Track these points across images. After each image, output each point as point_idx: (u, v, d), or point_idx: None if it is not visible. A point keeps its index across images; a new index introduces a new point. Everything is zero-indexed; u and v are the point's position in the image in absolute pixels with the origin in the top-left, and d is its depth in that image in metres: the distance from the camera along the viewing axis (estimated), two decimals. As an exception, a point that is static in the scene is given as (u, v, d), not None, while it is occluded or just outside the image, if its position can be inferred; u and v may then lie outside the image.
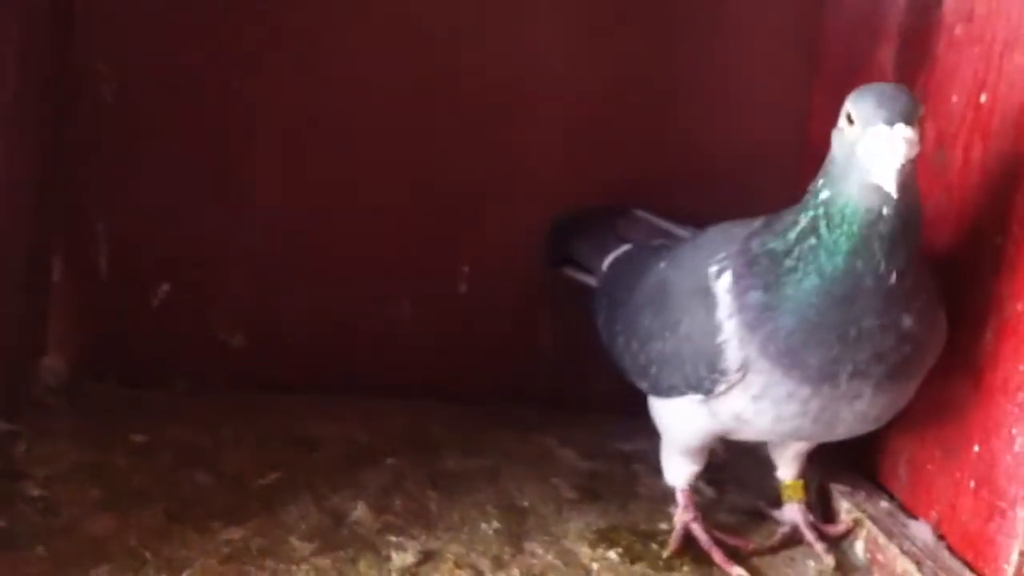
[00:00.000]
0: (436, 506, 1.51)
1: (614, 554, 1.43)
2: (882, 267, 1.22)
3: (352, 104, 1.79)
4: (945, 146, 1.45)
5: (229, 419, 1.70)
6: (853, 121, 1.22)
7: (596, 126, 1.85)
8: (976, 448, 1.33)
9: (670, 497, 1.51)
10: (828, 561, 1.44)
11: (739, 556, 1.44)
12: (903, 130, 1.17)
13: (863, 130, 1.20)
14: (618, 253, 1.66)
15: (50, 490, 1.45)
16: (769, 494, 1.56)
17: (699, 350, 1.32)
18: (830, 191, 1.25)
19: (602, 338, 1.59)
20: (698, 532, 1.46)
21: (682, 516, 1.47)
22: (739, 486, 1.63)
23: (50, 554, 1.30)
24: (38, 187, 1.66)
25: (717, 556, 1.43)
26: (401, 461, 1.63)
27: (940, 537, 1.39)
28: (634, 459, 1.71)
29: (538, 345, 1.90)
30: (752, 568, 1.42)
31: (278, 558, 1.34)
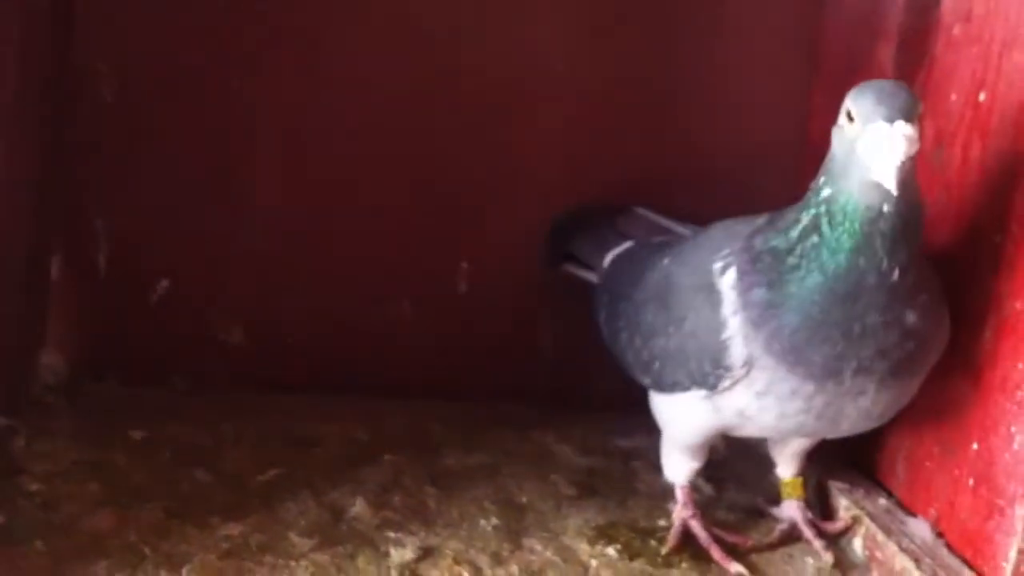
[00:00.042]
0: (435, 502, 1.51)
1: (613, 550, 1.43)
2: (884, 264, 1.22)
3: (352, 104, 1.79)
4: (944, 145, 1.45)
5: (228, 417, 1.70)
6: (853, 118, 1.22)
7: (596, 126, 1.85)
8: (975, 446, 1.33)
9: (669, 494, 1.51)
10: (827, 558, 1.44)
11: (738, 553, 1.44)
12: (903, 127, 1.17)
13: (863, 127, 1.20)
14: (620, 250, 1.66)
15: (49, 486, 1.45)
16: (768, 491, 1.57)
17: (704, 346, 1.32)
18: (831, 189, 1.25)
19: (603, 334, 1.59)
20: (697, 529, 1.46)
21: (681, 513, 1.47)
22: (738, 483, 1.63)
23: (49, 550, 1.30)
24: (38, 186, 1.66)
25: (716, 553, 1.43)
26: (400, 458, 1.63)
27: (939, 535, 1.39)
28: (633, 456, 1.71)
29: (538, 345, 1.90)
30: (751, 565, 1.42)
31: (277, 554, 1.34)
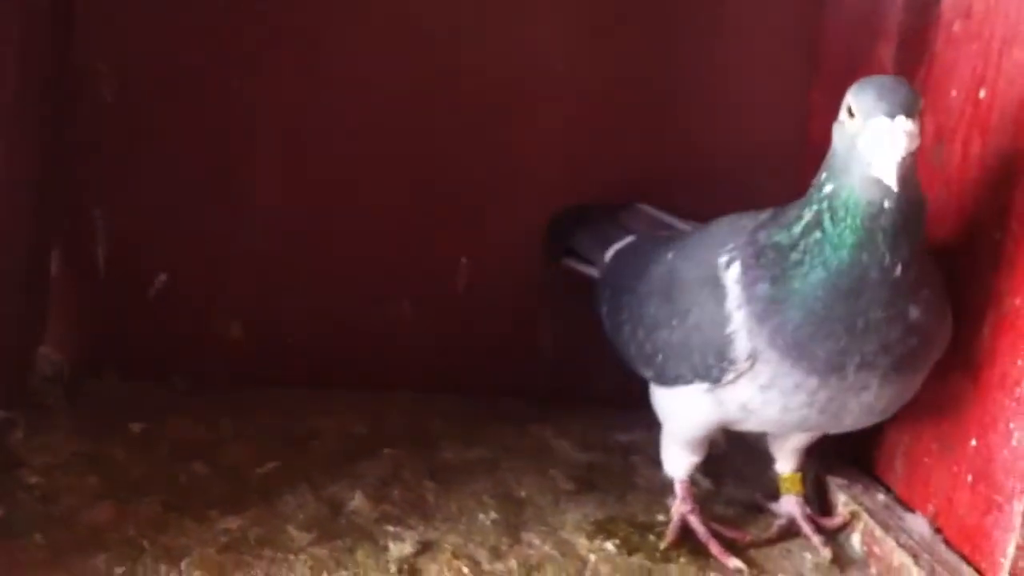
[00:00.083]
0: (434, 496, 1.51)
1: (611, 545, 1.43)
2: (886, 260, 1.22)
3: (352, 103, 1.79)
4: (944, 141, 1.45)
5: (228, 413, 1.71)
6: (854, 114, 1.22)
7: (596, 125, 1.85)
8: (973, 442, 1.33)
9: (668, 488, 1.51)
10: (825, 554, 1.44)
11: (736, 548, 1.44)
12: (903, 123, 1.17)
13: (864, 123, 1.20)
14: (622, 244, 1.66)
15: (48, 479, 1.45)
16: (766, 486, 1.57)
17: (708, 340, 1.32)
18: (833, 185, 1.25)
19: (605, 328, 1.59)
20: (695, 524, 1.46)
21: (680, 508, 1.47)
22: (737, 478, 1.63)
23: (48, 543, 1.30)
24: (38, 185, 1.66)
25: (714, 548, 1.43)
26: (399, 452, 1.63)
27: (937, 530, 1.39)
28: (632, 451, 1.71)
29: (538, 343, 1.90)
30: (749, 560, 1.42)
31: (276, 547, 1.34)
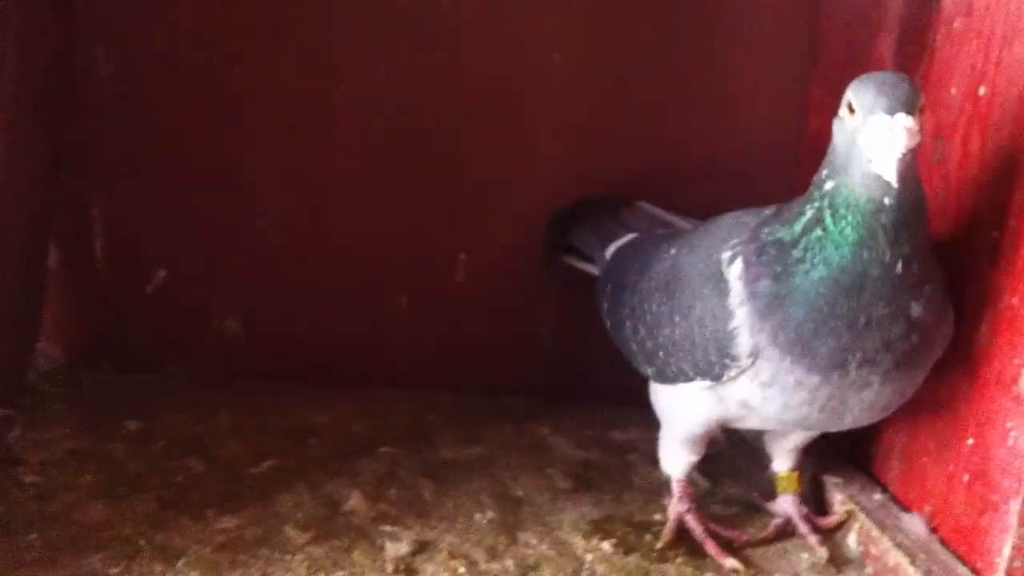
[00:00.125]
0: (431, 495, 1.51)
1: (608, 545, 1.42)
2: (887, 257, 1.22)
3: (352, 99, 1.79)
4: (943, 138, 1.44)
5: (225, 407, 1.71)
6: (854, 110, 1.22)
7: (595, 122, 1.84)
8: (970, 441, 1.33)
9: (664, 487, 1.51)
10: (821, 553, 1.44)
11: (733, 548, 1.44)
12: (904, 119, 1.16)
13: (864, 119, 1.19)
14: (623, 241, 1.66)
15: (44, 476, 1.45)
16: (763, 486, 1.56)
17: (711, 336, 1.32)
18: (834, 182, 1.24)
19: (606, 325, 1.59)
20: (692, 523, 1.45)
21: (677, 507, 1.47)
22: (734, 477, 1.63)
23: (43, 541, 1.30)
24: (36, 183, 1.65)
25: (711, 548, 1.43)
26: (397, 450, 1.63)
27: (933, 530, 1.39)
28: (629, 449, 1.71)
29: (538, 339, 1.90)
30: (746, 560, 1.42)
31: (272, 547, 1.34)
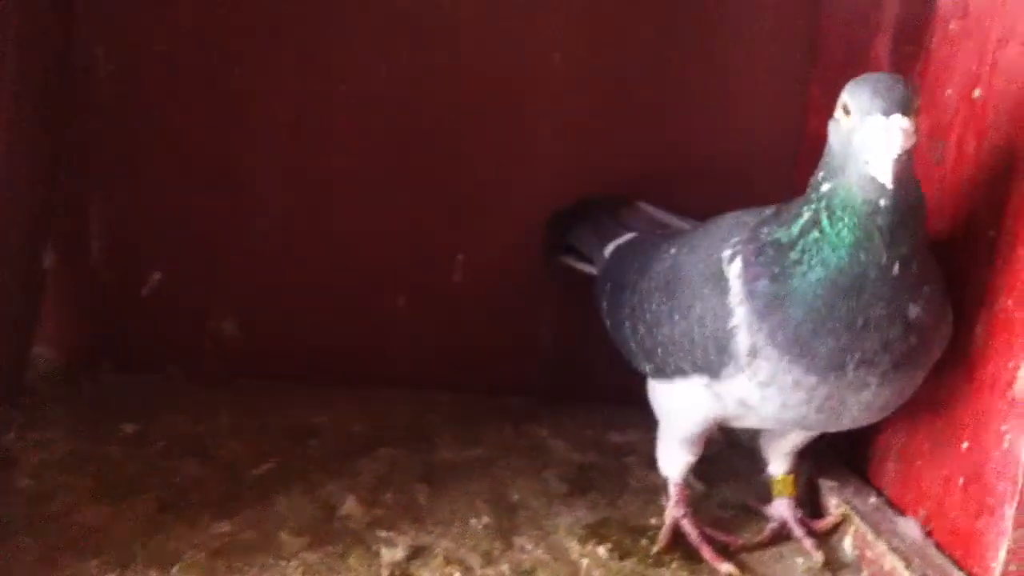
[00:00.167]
0: (426, 499, 1.51)
1: (603, 550, 1.42)
2: (884, 258, 1.21)
3: (351, 99, 1.79)
4: (939, 140, 1.44)
5: (225, 407, 1.71)
6: (849, 112, 1.21)
7: (594, 122, 1.83)
8: (965, 444, 1.32)
9: (661, 490, 1.51)
10: (817, 557, 1.44)
11: (728, 552, 1.44)
12: (899, 120, 1.16)
13: (859, 121, 1.19)
14: (622, 240, 1.66)
15: (41, 479, 1.45)
16: (758, 489, 1.56)
17: (710, 333, 1.31)
18: (830, 184, 1.24)
19: (605, 323, 1.59)
20: (688, 528, 1.45)
21: (673, 511, 1.47)
22: (729, 481, 1.62)
23: (39, 545, 1.30)
24: (35, 184, 1.66)
25: (706, 552, 1.43)
26: (396, 451, 1.63)
27: (928, 534, 1.38)
28: (626, 451, 1.70)
29: (537, 339, 1.89)
30: (741, 564, 1.42)
31: (267, 553, 1.34)
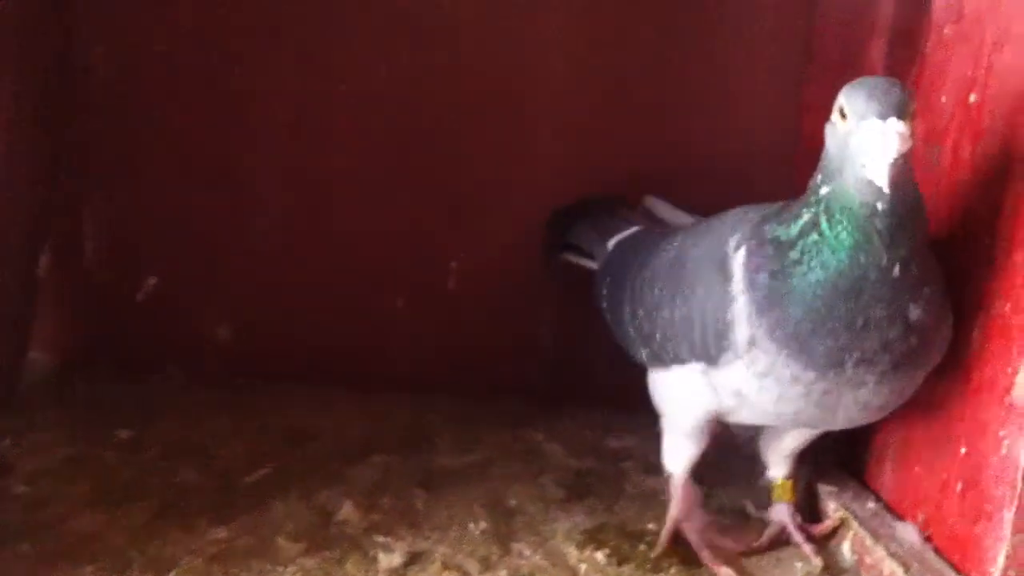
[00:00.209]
0: (424, 505, 1.50)
1: (601, 555, 1.42)
2: (884, 260, 1.21)
3: (350, 101, 1.79)
4: (934, 144, 1.44)
5: (221, 412, 1.71)
6: (846, 115, 1.21)
7: (593, 123, 1.84)
8: (963, 450, 1.32)
9: (659, 495, 1.51)
10: (816, 562, 1.44)
11: (727, 557, 1.43)
12: (896, 124, 1.16)
13: (856, 124, 1.19)
14: (625, 234, 1.66)
15: (37, 486, 1.45)
16: (757, 494, 1.56)
17: (710, 319, 1.31)
18: (828, 187, 1.24)
19: (603, 309, 1.59)
20: (688, 531, 1.45)
21: (674, 512, 1.47)
22: (727, 486, 1.62)
23: (35, 552, 1.30)
24: (37, 179, 1.66)
25: (706, 557, 1.42)
26: (392, 457, 1.63)
27: (927, 539, 1.38)
28: (623, 456, 1.70)
29: (537, 341, 1.89)
30: (740, 569, 1.42)
31: (264, 559, 1.34)
